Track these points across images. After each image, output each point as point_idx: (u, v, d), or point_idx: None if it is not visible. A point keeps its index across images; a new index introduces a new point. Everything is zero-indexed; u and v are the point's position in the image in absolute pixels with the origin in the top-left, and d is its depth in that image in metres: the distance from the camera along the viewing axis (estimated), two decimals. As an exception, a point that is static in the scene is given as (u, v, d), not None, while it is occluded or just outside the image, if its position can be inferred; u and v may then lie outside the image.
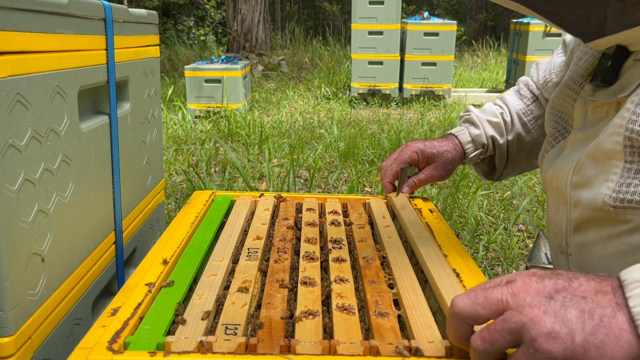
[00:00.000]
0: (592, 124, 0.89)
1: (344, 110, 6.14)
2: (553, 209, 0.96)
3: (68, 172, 1.04)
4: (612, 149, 0.78)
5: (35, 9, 0.90)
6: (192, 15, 13.77)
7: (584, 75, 0.96)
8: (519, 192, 3.31)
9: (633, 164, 0.77)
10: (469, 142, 1.30)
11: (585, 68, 0.97)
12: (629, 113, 0.77)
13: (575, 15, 0.82)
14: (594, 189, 0.82)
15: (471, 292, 0.62)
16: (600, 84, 0.88)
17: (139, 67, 1.47)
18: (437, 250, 1.01)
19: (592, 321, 0.55)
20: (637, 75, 0.81)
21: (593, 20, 0.81)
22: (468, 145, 1.30)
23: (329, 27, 12.72)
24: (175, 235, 1.10)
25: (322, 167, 3.78)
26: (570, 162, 0.89)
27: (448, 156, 1.28)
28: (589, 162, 0.84)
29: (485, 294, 0.61)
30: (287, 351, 0.71)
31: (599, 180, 0.81)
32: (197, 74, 5.73)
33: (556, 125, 1.02)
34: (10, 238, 0.84)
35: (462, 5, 16.90)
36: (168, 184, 3.36)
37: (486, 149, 1.31)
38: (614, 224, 0.80)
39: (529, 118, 1.30)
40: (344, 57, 9.60)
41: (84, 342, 0.71)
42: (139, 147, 1.49)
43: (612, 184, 0.79)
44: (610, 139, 0.79)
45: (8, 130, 0.83)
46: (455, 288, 0.85)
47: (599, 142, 0.82)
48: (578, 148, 0.90)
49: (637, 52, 0.84)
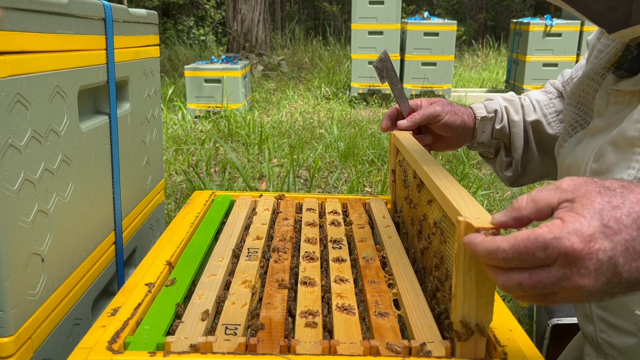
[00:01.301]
0: (613, 113, 0.90)
1: (344, 110, 6.14)
2: None
3: (68, 172, 1.04)
4: (636, 135, 0.79)
5: (35, 9, 0.90)
6: (192, 15, 13.77)
7: (606, 67, 0.97)
8: (519, 192, 3.31)
9: None
10: (480, 107, 1.26)
11: (607, 60, 0.98)
12: None
13: (601, 6, 0.83)
14: (614, 175, 0.82)
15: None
16: (624, 74, 0.89)
17: (139, 67, 1.47)
18: (444, 171, 0.92)
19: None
20: None
21: (619, 11, 0.82)
22: (479, 110, 1.25)
23: (329, 27, 12.72)
24: (175, 235, 1.10)
25: (322, 167, 3.78)
26: (590, 149, 0.89)
27: (454, 106, 1.24)
28: (610, 149, 0.84)
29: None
30: (287, 351, 0.71)
31: (619, 167, 0.81)
32: (197, 74, 5.73)
33: (575, 116, 1.03)
34: (10, 238, 0.84)
35: (462, 5, 16.90)
36: (168, 184, 3.36)
37: (500, 118, 1.25)
38: None
39: (550, 110, 1.28)
40: (344, 57, 9.60)
41: (83, 342, 0.71)
42: (139, 147, 1.49)
43: (634, 171, 0.78)
44: (635, 126, 0.79)
45: (8, 130, 0.83)
46: (467, 200, 0.76)
47: (622, 130, 0.82)
48: (598, 136, 0.90)
49: None
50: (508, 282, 0.58)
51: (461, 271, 0.66)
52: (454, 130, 1.23)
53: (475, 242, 0.61)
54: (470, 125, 1.25)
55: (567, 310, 1.49)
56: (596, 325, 0.89)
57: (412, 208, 1.04)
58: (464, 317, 0.68)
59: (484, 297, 0.68)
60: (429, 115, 1.20)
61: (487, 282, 0.67)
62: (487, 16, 16.54)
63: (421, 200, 0.98)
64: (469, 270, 0.66)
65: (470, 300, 0.68)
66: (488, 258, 0.59)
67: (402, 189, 1.16)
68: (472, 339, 0.70)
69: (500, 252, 0.57)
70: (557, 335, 1.45)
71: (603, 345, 0.88)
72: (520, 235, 0.57)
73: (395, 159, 1.23)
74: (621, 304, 0.82)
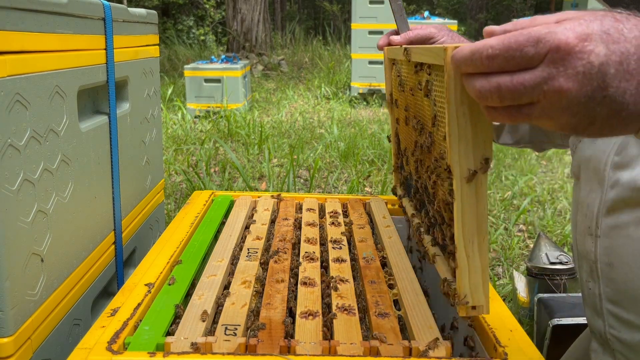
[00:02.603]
0: None
1: (344, 110, 6.14)
2: (586, 190, 0.94)
3: (67, 172, 1.04)
4: None
5: (34, 9, 0.90)
6: (192, 15, 13.76)
7: None
8: (520, 192, 3.31)
9: None
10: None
11: None
12: None
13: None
14: (636, 169, 0.81)
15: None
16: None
17: (139, 66, 1.47)
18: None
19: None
20: None
21: None
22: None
23: (329, 27, 12.71)
24: (175, 235, 1.10)
25: (322, 167, 3.78)
26: (613, 142, 0.88)
27: (454, 35, 1.20)
28: (634, 141, 0.82)
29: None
30: (287, 352, 0.70)
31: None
32: (196, 74, 5.72)
33: None
34: (10, 238, 0.84)
35: (463, 5, 16.89)
36: (168, 184, 3.36)
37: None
38: None
39: None
40: (344, 57, 9.60)
41: (83, 343, 0.71)
42: (139, 147, 1.48)
43: None
44: None
45: (7, 130, 0.83)
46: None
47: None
48: None
49: None
50: (486, 86, 0.53)
51: (453, 105, 0.62)
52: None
53: (461, 48, 0.56)
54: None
55: (568, 310, 1.49)
56: (605, 320, 0.88)
57: (412, 116, 1.00)
58: (460, 157, 0.64)
59: (481, 133, 0.64)
60: (423, 35, 1.17)
61: (482, 116, 0.62)
62: (488, 16, 16.53)
63: (418, 100, 0.93)
64: (462, 104, 0.62)
65: (467, 139, 0.63)
66: (471, 60, 0.54)
67: (402, 111, 1.10)
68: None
69: (487, 49, 0.53)
70: (557, 335, 1.45)
71: (611, 341, 0.88)
72: (512, 32, 0.53)
73: (391, 73, 1.20)
74: (633, 298, 0.82)
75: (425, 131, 0.87)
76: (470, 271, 0.67)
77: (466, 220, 0.66)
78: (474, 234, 0.67)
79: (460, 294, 0.68)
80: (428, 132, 0.84)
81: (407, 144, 1.10)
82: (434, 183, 0.81)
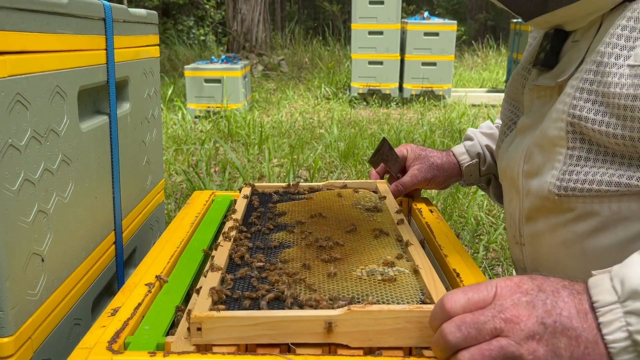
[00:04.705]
0: (537, 109, 0.88)
1: (344, 110, 6.14)
2: (508, 199, 0.95)
3: (68, 172, 1.04)
4: (556, 135, 0.77)
5: (35, 9, 0.90)
6: (192, 15, 13.77)
7: (530, 61, 0.95)
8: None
9: (575, 150, 0.75)
10: (463, 153, 1.28)
11: (532, 54, 0.96)
12: (570, 98, 0.75)
13: None
14: (542, 177, 0.81)
15: (462, 324, 0.60)
16: (542, 68, 0.87)
17: (139, 67, 1.47)
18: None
19: (578, 349, 0.58)
20: (575, 58, 0.80)
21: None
22: (462, 156, 1.28)
23: (329, 27, 12.71)
24: (175, 235, 1.10)
25: (322, 167, 3.78)
26: (521, 150, 0.88)
27: (436, 161, 1.27)
28: (537, 150, 0.83)
29: (478, 326, 0.59)
30: (287, 351, 0.71)
31: (546, 168, 0.80)
32: (197, 74, 5.73)
33: (510, 114, 1.01)
34: (10, 238, 0.84)
35: (462, 5, 16.89)
36: (168, 184, 3.36)
37: (483, 160, 1.28)
38: (560, 212, 0.79)
39: None
40: (344, 57, 9.60)
41: (83, 342, 0.71)
42: (139, 147, 1.49)
43: (556, 172, 0.78)
44: (554, 125, 0.78)
45: (8, 130, 0.83)
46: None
47: (543, 129, 0.81)
48: (527, 135, 0.88)
49: (574, 33, 0.83)
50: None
51: None
52: (439, 185, 1.30)
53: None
54: (456, 174, 1.29)
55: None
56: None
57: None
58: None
59: None
60: (410, 184, 1.28)
61: None
62: (487, 16, 16.53)
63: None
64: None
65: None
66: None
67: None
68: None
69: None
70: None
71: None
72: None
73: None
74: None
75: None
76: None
77: None
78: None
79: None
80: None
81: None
82: None
